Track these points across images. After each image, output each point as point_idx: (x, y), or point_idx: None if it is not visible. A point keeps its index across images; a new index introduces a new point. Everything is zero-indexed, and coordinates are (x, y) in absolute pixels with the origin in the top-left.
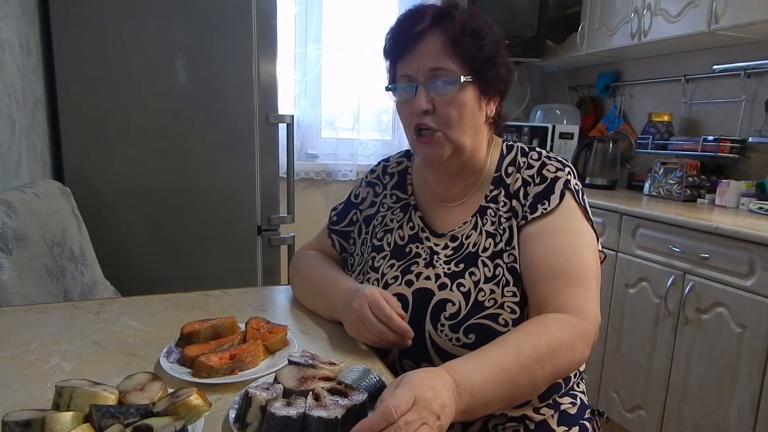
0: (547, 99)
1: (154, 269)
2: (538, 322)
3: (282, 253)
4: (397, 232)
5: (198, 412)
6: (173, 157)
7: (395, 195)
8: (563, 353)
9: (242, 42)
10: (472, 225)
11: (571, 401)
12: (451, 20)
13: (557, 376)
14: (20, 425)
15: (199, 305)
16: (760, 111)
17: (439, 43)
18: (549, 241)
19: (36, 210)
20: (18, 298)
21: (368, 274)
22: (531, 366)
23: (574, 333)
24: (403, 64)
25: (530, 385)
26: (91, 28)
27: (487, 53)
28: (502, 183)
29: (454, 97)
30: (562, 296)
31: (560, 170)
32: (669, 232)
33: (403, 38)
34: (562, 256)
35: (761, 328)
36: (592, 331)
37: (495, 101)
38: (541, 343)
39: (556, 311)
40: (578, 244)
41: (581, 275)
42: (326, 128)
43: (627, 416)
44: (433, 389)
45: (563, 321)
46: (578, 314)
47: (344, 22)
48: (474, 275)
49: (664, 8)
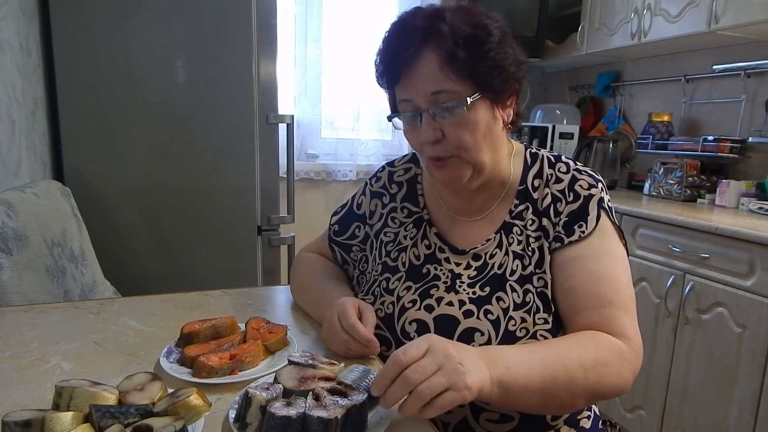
0: (547, 99)
1: (154, 269)
2: (589, 336)
3: (282, 253)
4: (411, 250)
5: (198, 412)
6: (173, 157)
7: (406, 208)
8: (608, 374)
9: (242, 42)
10: (497, 243)
11: (587, 414)
12: (439, 36)
13: (597, 395)
14: (20, 425)
15: (199, 305)
16: (760, 111)
17: (435, 65)
18: (592, 266)
19: (36, 210)
20: (18, 298)
21: (382, 297)
22: (574, 370)
23: (623, 360)
24: (401, 89)
25: (569, 389)
26: (91, 28)
27: (492, 59)
28: (529, 198)
29: (463, 119)
30: (614, 326)
31: (593, 186)
32: (669, 232)
33: (395, 63)
34: (608, 284)
35: (761, 328)
36: (638, 363)
37: (511, 103)
38: (588, 354)
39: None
40: (619, 270)
41: (628, 304)
42: (326, 128)
43: (627, 416)
44: (455, 345)
45: (615, 345)
46: (629, 344)
47: (344, 22)
48: (502, 301)
49: (664, 8)
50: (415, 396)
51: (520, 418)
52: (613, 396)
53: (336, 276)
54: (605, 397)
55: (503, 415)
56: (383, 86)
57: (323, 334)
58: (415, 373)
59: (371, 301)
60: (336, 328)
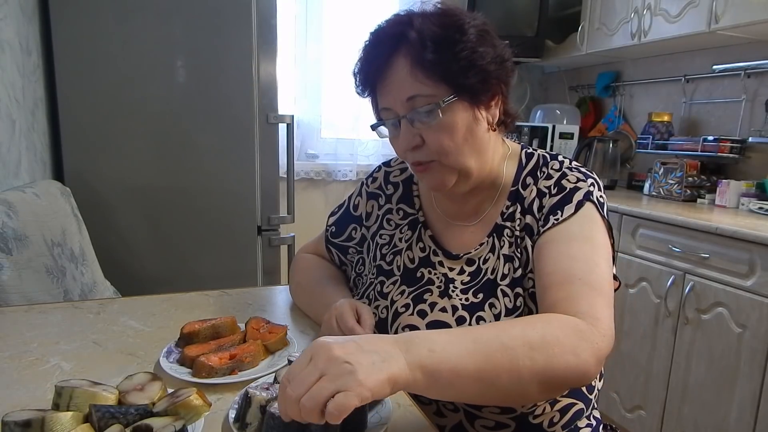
0: (547, 99)
1: (154, 269)
2: (539, 316)
3: (282, 253)
4: (406, 253)
5: (198, 412)
6: (173, 156)
7: (402, 210)
8: (562, 353)
9: (242, 42)
10: (489, 247)
11: (588, 422)
12: (407, 41)
13: (552, 378)
14: (20, 425)
15: (199, 305)
16: (760, 111)
17: (406, 70)
18: (564, 247)
19: (36, 210)
20: (18, 298)
21: (376, 300)
22: (516, 349)
23: (582, 339)
24: (381, 96)
25: (512, 369)
26: (91, 28)
27: (465, 59)
28: (519, 197)
29: (440, 123)
30: (579, 303)
31: (581, 181)
32: (669, 232)
33: (370, 72)
34: (580, 262)
35: (761, 328)
36: (604, 345)
37: (495, 103)
38: (534, 333)
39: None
40: (598, 255)
41: (601, 284)
42: (326, 128)
43: (627, 416)
44: (346, 340)
45: (571, 322)
46: (594, 324)
47: (344, 22)
48: (494, 307)
49: (664, 8)
50: (303, 410)
51: (515, 426)
52: (575, 381)
53: (334, 277)
54: (564, 381)
55: (498, 422)
56: (363, 96)
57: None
58: (294, 388)
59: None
60: (334, 331)
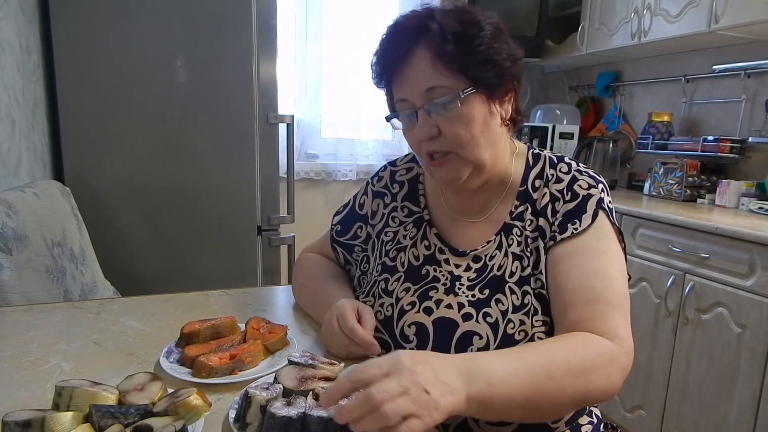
0: (547, 99)
1: (154, 269)
2: (578, 338)
3: (282, 253)
4: (410, 250)
5: (198, 412)
6: (173, 157)
7: (407, 208)
8: (597, 378)
9: (242, 42)
10: (497, 244)
11: (589, 420)
12: (429, 34)
13: (586, 400)
14: (20, 425)
15: (199, 305)
16: (760, 111)
17: (427, 62)
18: (585, 262)
19: (36, 210)
20: (18, 298)
21: (381, 298)
22: (561, 379)
23: (613, 361)
24: (397, 87)
25: (556, 400)
26: (91, 28)
27: (483, 54)
28: (529, 198)
29: (458, 114)
30: (604, 323)
31: (593, 187)
32: (669, 232)
33: (389, 63)
34: (602, 280)
35: (761, 328)
36: (628, 362)
37: (509, 99)
38: (576, 360)
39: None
40: (614, 269)
41: (620, 300)
42: (326, 128)
43: (627, 416)
44: (424, 363)
45: (604, 346)
46: (619, 343)
47: (344, 22)
48: (501, 304)
49: (664, 8)
50: (378, 416)
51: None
52: (603, 400)
53: (336, 277)
54: (593, 401)
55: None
56: (380, 87)
57: (322, 338)
58: (379, 392)
59: (371, 303)
60: (335, 332)
